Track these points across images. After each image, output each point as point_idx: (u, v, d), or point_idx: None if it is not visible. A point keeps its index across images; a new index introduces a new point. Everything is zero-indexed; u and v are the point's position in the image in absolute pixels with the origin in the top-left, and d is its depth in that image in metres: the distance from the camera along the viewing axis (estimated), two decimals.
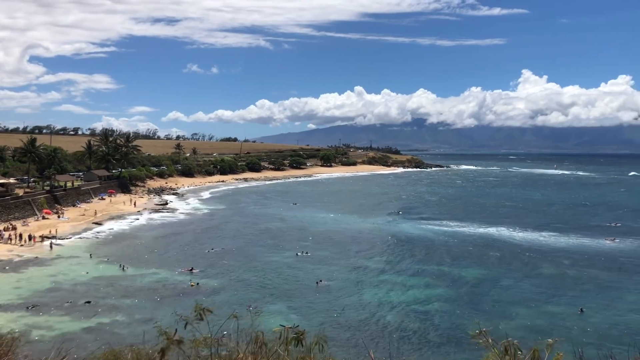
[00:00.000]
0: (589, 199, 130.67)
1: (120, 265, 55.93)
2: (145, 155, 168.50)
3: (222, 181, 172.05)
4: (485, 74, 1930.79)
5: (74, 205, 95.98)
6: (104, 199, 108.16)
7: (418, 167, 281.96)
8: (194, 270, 54.71)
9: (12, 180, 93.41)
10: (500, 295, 47.83)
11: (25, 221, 78.15)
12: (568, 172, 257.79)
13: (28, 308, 41.82)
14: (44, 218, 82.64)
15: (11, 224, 74.35)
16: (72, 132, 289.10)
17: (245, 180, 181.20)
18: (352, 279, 53.06)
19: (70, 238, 70.84)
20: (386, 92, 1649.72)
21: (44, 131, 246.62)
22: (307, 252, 64.43)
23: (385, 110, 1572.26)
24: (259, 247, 68.94)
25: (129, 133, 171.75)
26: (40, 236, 69.27)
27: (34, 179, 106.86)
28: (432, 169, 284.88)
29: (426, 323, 40.47)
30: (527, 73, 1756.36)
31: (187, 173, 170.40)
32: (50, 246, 64.89)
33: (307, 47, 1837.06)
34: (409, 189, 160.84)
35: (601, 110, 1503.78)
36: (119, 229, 79.87)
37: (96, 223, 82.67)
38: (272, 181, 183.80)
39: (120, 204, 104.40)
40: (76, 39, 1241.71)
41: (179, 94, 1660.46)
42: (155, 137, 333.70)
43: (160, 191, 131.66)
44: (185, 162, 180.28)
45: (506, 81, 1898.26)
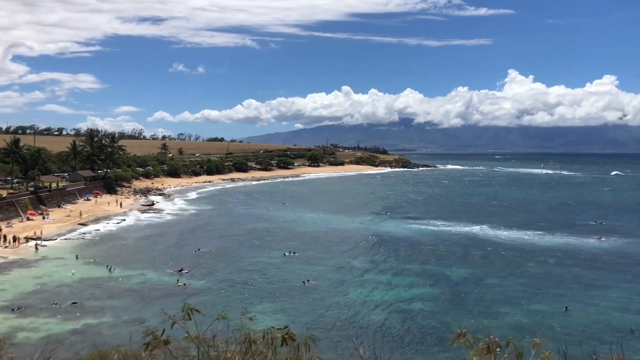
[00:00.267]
0: (573, 198, 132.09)
1: (106, 266, 55.52)
2: (131, 156, 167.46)
3: (209, 181, 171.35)
4: (471, 73, 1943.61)
5: (59, 206, 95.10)
6: (90, 199, 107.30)
7: (405, 167, 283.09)
8: (184, 271, 54.48)
9: None
10: (485, 294, 48.13)
11: (9, 222, 77.28)
12: (552, 172, 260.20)
13: (13, 310, 41.36)
14: (28, 219, 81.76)
15: None
16: (56, 133, 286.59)
17: (232, 180, 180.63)
18: (339, 279, 53.16)
19: (56, 239, 70.20)
20: (373, 91, 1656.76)
21: (28, 131, 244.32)
22: (294, 252, 64.41)
23: (372, 110, 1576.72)
24: (246, 247, 68.79)
25: (115, 133, 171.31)
26: (25, 237, 68.55)
27: (17, 179, 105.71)
28: (419, 168, 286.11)
29: (412, 322, 40.64)
30: (513, 73, 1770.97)
31: (174, 173, 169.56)
32: (36, 247, 64.24)
33: (294, 47, 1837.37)
34: (395, 189, 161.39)
35: (586, 110, 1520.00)
36: (105, 230, 79.29)
37: (82, 224, 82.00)
38: (260, 181, 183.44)
39: (106, 204, 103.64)
40: (60, 38, 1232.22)
41: (165, 93, 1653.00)
42: (141, 137, 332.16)
43: (146, 192, 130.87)
44: (172, 162, 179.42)
45: (492, 81, 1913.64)
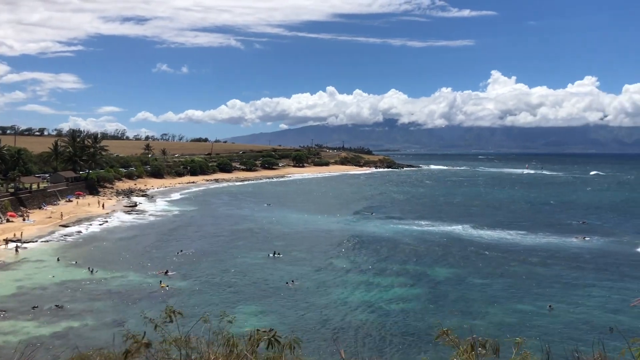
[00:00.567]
0: (554, 198, 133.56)
1: (88, 269, 54.88)
2: (113, 156, 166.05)
3: (193, 182, 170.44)
4: (455, 74, 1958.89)
5: (40, 208, 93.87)
6: (72, 201, 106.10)
7: (390, 167, 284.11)
8: (170, 273, 54.04)
9: None
10: (468, 294, 48.36)
11: None
12: (533, 172, 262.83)
13: None
14: (8, 221, 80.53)
15: None
16: (37, 133, 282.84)
17: (216, 181, 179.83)
18: (322, 279, 53.16)
19: (37, 241, 69.26)
20: (358, 92, 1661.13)
21: (8, 132, 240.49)
22: (278, 253, 64.24)
23: (357, 110, 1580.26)
24: (230, 248, 68.51)
25: (97, 133, 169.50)
26: (4, 239, 67.53)
27: None
28: (404, 169, 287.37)
29: (395, 322, 40.72)
30: (496, 74, 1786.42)
31: (157, 174, 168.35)
32: (16, 250, 63.29)
33: (279, 47, 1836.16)
34: (380, 189, 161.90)
35: (568, 110, 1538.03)
36: (87, 231, 78.44)
37: (63, 226, 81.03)
38: (244, 182, 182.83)
39: (88, 206, 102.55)
40: (42, 38, 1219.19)
41: (148, 94, 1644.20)
42: (124, 137, 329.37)
43: (129, 193, 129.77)
44: (155, 163, 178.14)
45: (476, 82, 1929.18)
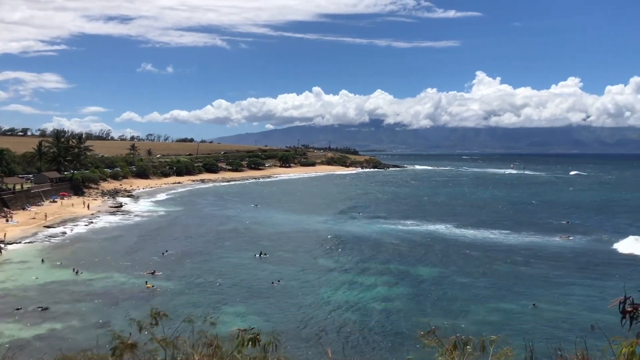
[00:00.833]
0: (536, 197, 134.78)
1: (73, 270, 54.42)
2: (98, 157, 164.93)
3: (179, 182, 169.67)
4: (440, 75, 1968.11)
5: (23, 209, 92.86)
6: (56, 201, 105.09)
7: (376, 168, 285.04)
8: (157, 273, 53.75)
9: None
10: (452, 293, 48.63)
11: None
12: (515, 172, 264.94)
13: None
14: None
15: None
16: (20, 133, 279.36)
17: (202, 181, 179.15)
18: (308, 279, 53.26)
19: (20, 242, 68.54)
20: (344, 92, 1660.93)
21: None
22: (265, 253, 64.16)
23: (343, 110, 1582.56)
24: (216, 248, 68.33)
25: (82, 134, 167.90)
26: None
27: None
28: (389, 169, 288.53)
29: (381, 321, 40.89)
30: (481, 75, 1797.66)
31: (142, 174, 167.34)
32: None
33: (265, 47, 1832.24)
34: (366, 189, 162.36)
35: (552, 111, 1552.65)
36: (72, 232, 77.75)
37: (47, 226, 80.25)
38: (230, 182, 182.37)
39: (73, 206, 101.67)
40: (24, 37, 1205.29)
41: (133, 93, 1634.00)
42: (109, 138, 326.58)
43: (114, 193, 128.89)
44: (140, 163, 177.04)
45: (461, 82, 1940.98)
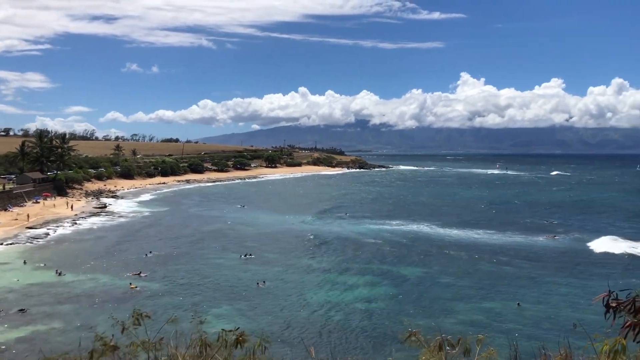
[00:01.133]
0: (518, 197, 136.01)
1: (56, 271, 53.84)
2: (82, 157, 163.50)
3: (164, 183, 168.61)
4: (425, 76, 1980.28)
5: (5, 210, 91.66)
6: (39, 202, 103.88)
7: (362, 168, 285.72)
8: (142, 275, 53.32)
9: None
10: (438, 292, 48.86)
11: None
12: (497, 172, 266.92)
13: None
14: None
15: None
16: (2, 133, 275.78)
17: (188, 182, 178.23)
18: (293, 279, 53.25)
19: (2, 244, 67.66)
20: (330, 93, 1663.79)
21: None
22: (250, 254, 64.01)
23: (329, 111, 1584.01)
24: (201, 249, 67.98)
25: (65, 134, 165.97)
26: None
27: None
28: (375, 169, 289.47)
29: (366, 321, 40.98)
30: (465, 76, 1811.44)
31: (127, 175, 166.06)
32: None
33: (251, 48, 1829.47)
34: (351, 189, 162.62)
35: (535, 112, 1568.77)
36: (55, 233, 76.93)
37: (30, 228, 79.30)
38: (215, 183, 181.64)
39: (57, 207, 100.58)
40: (7, 35, 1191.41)
41: (118, 93, 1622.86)
42: (93, 138, 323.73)
43: (98, 194, 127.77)
44: (125, 163, 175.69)
45: (446, 83, 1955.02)
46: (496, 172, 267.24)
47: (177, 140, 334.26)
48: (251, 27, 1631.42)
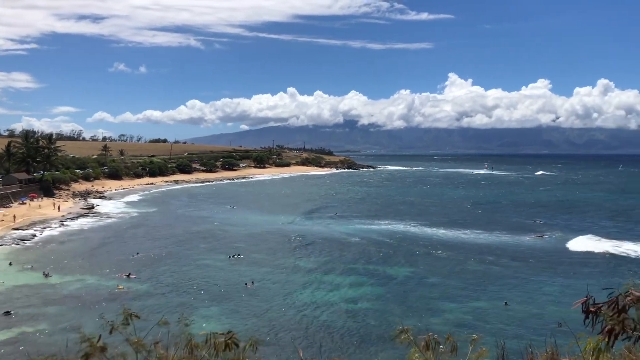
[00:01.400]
0: (505, 197, 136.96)
1: (43, 273, 53.41)
2: (69, 158, 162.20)
3: (152, 183, 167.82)
4: (414, 76, 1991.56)
5: None
6: (25, 203, 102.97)
7: (350, 168, 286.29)
8: (132, 276, 52.97)
9: None
10: (426, 292, 49.00)
11: None
12: (483, 172, 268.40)
13: None
14: None
15: None
16: None
17: (176, 182, 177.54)
18: (281, 280, 53.19)
19: None
20: (319, 93, 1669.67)
21: None
22: (239, 255, 63.89)
23: (318, 111, 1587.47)
24: (190, 250, 67.71)
25: (52, 134, 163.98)
26: None
27: None
28: (364, 169, 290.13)
29: (354, 321, 40.99)
30: (453, 76, 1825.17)
31: (115, 175, 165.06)
32: None
33: (239, 48, 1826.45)
34: (340, 189, 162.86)
35: (522, 112, 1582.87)
36: (42, 234, 76.26)
37: (16, 229, 78.55)
38: (204, 183, 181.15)
39: (43, 208, 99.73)
40: None
41: (105, 93, 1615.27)
42: (80, 138, 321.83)
43: (86, 194, 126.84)
44: (113, 164, 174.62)
45: (434, 84, 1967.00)
46: (482, 172, 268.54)
47: (165, 141, 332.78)
48: (239, 27, 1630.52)
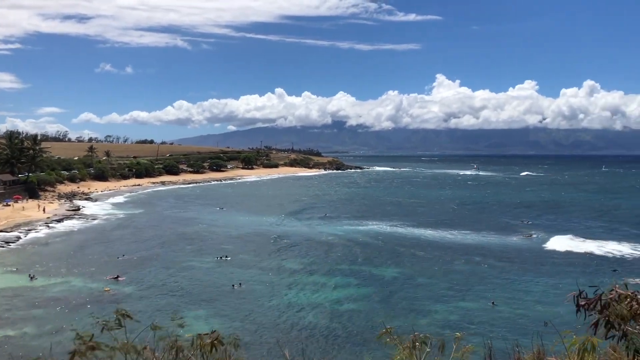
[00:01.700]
0: (491, 197, 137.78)
1: (28, 275, 52.87)
2: (55, 159, 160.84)
3: (138, 185, 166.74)
4: (402, 77, 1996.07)
5: None
6: (10, 205, 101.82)
7: (339, 169, 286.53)
8: (120, 278, 52.55)
9: None
10: (413, 292, 49.11)
11: None
12: (470, 173, 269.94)
13: None
14: None
15: None
16: None
17: (163, 183, 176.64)
18: (269, 281, 53.07)
19: None
20: (307, 94, 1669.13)
21: None
22: (227, 256, 63.67)
23: (306, 112, 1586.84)
24: (177, 252, 67.36)
25: (37, 135, 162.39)
26: None
27: None
28: (352, 170, 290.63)
29: (341, 322, 40.99)
30: (441, 77, 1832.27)
31: (101, 177, 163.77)
32: None
33: (227, 48, 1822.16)
34: (328, 190, 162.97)
35: (509, 113, 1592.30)
36: (27, 237, 75.49)
37: (1, 231, 77.62)
38: (191, 184, 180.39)
39: (28, 210, 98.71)
40: None
41: (91, 94, 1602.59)
42: (66, 139, 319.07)
43: (71, 196, 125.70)
44: (99, 165, 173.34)
45: (421, 85, 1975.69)
46: (469, 172, 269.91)
47: (152, 142, 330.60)
48: (227, 28, 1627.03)
